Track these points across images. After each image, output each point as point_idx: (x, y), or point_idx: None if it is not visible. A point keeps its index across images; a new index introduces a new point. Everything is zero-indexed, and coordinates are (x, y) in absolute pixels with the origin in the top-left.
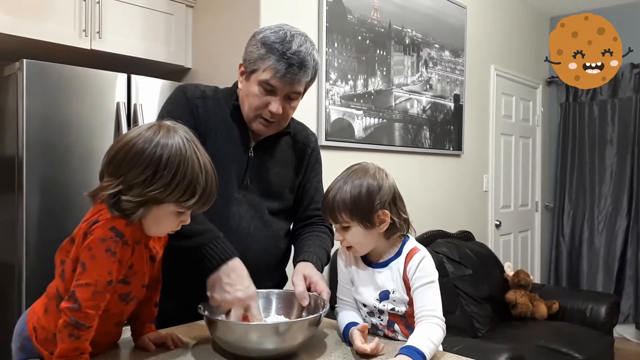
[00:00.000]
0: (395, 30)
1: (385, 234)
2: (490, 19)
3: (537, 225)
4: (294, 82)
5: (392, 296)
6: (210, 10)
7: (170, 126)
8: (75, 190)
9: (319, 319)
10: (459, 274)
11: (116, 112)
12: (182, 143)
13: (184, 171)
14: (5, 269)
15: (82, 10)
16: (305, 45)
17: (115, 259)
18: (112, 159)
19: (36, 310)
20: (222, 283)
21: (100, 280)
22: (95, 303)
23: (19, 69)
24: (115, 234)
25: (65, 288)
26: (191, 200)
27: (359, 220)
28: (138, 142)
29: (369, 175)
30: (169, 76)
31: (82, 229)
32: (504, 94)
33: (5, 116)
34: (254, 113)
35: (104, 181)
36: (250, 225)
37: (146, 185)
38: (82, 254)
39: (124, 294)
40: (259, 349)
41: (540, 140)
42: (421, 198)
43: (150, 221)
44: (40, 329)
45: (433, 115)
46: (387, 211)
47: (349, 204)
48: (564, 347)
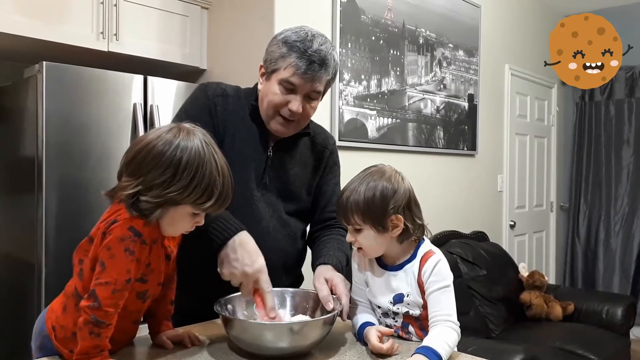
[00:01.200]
0: (409, 30)
1: (398, 238)
2: (505, 18)
3: (552, 225)
4: (314, 79)
5: (407, 299)
6: (225, 11)
7: (190, 129)
8: (93, 190)
9: (333, 319)
10: (473, 275)
11: (133, 113)
12: (201, 146)
13: (202, 174)
14: (26, 268)
15: (100, 13)
16: (326, 45)
17: (133, 258)
18: (132, 159)
19: (54, 309)
20: (230, 259)
21: (119, 279)
22: (114, 301)
23: (38, 71)
24: (133, 233)
25: (84, 287)
26: (208, 202)
27: (371, 223)
28: (158, 144)
29: (384, 178)
30: (184, 77)
31: (100, 228)
32: (518, 94)
33: (25, 117)
34: (273, 110)
35: (123, 181)
36: (269, 224)
37: (165, 186)
38: (102, 253)
39: (142, 292)
40: (274, 348)
41: (556, 140)
42: (435, 198)
43: (167, 221)
44: (59, 328)
45: (447, 115)
46: (400, 216)
47: (362, 206)
48: (580, 348)
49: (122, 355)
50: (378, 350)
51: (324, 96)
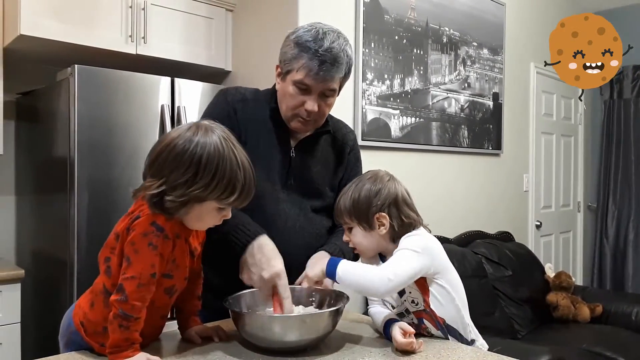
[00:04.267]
0: (433, 29)
1: (389, 236)
2: (530, 16)
3: (579, 226)
4: (326, 79)
5: (408, 296)
6: (249, 13)
7: (208, 126)
8: (122, 189)
9: (338, 312)
10: (498, 275)
11: (160, 114)
12: (219, 142)
13: (223, 170)
14: (59, 265)
15: (129, 17)
16: (338, 41)
17: (157, 252)
18: (154, 160)
19: (82, 306)
20: (248, 264)
21: (144, 273)
22: (140, 295)
23: (70, 74)
24: (156, 228)
25: (112, 283)
26: (232, 197)
27: (358, 222)
28: (178, 144)
29: (371, 180)
30: (209, 79)
31: (124, 224)
32: (544, 92)
33: (58, 119)
34: (291, 112)
35: (147, 181)
36: (296, 224)
37: (188, 185)
38: (126, 248)
39: (168, 287)
40: (281, 341)
41: (583, 139)
42: (459, 198)
43: (194, 217)
44: (88, 323)
45: (471, 114)
46: (385, 214)
47: (348, 206)
48: (608, 351)
49: (151, 349)
50: (404, 347)
51: (340, 91)
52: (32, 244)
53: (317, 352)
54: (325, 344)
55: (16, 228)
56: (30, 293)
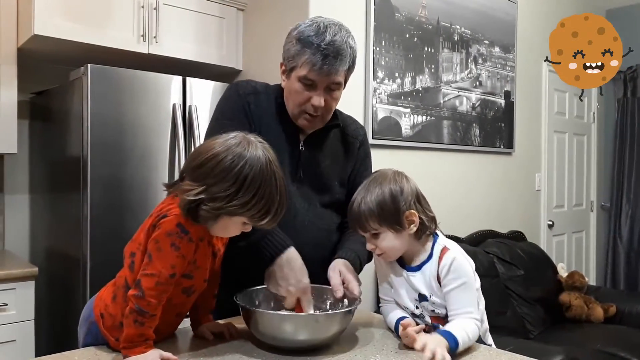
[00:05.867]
0: (444, 27)
1: (415, 234)
2: (542, 13)
3: (592, 225)
4: (331, 72)
5: (431, 299)
6: (260, 13)
7: (255, 142)
8: (134, 187)
9: (350, 313)
10: (510, 275)
11: (172, 113)
12: (265, 164)
13: (263, 192)
14: (72, 263)
15: (141, 16)
16: (340, 34)
17: (179, 254)
18: (200, 166)
19: (103, 298)
20: (276, 276)
21: (163, 272)
22: (157, 293)
23: (83, 74)
24: (181, 230)
25: (134, 278)
26: (264, 219)
27: (388, 225)
28: (227, 157)
29: (388, 180)
30: (221, 78)
31: (151, 220)
32: (556, 90)
33: (71, 118)
34: (298, 109)
35: (186, 184)
36: (305, 219)
37: (228, 200)
38: (150, 245)
39: (187, 287)
40: (292, 340)
41: (596, 138)
42: (471, 197)
43: (220, 227)
44: (108, 316)
45: (483, 113)
46: (414, 211)
47: (375, 210)
48: (622, 351)
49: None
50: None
51: (346, 85)
52: (45, 242)
53: (329, 350)
54: (338, 342)
55: (30, 226)
56: (44, 290)
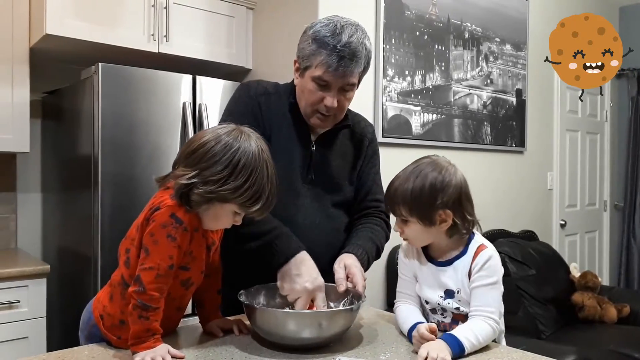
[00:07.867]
0: (454, 25)
1: (447, 232)
2: (554, 11)
3: (605, 225)
4: (346, 74)
5: (458, 296)
6: (270, 11)
7: (248, 132)
8: (144, 185)
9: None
10: (521, 274)
11: (182, 112)
12: (257, 152)
13: (255, 179)
14: (83, 260)
15: (151, 16)
16: (356, 34)
17: (175, 244)
18: (193, 152)
19: (101, 299)
20: (292, 274)
21: (162, 264)
22: (158, 286)
23: (94, 73)
24: (175, 220)
25: (130, 274)
26: (254, 206)
27: (418, 217)
28: (220, 142)
29: (436, 169)
30: (230, 77)
31: (144, 215)
32: (569, 88)
33: (82, 117)
34: (311, 109)
35: (179, 170)
36: (315, 219)
37: (220, 184)
38: (145, 239)
39: (185, 279)
40: (294, 338)
41: (609, 136)
42: (482, 196)
43: (211, 215)
44: (107, 316)
45: (494, 111)
46: (449, 212)
47: (409, 199)
48: (637, 352)
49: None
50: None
51: (359, 85)
52: (57, 240)
53: (337, 348)
54: (346, 339)
55: (42, 224)
56: (56, 288)
